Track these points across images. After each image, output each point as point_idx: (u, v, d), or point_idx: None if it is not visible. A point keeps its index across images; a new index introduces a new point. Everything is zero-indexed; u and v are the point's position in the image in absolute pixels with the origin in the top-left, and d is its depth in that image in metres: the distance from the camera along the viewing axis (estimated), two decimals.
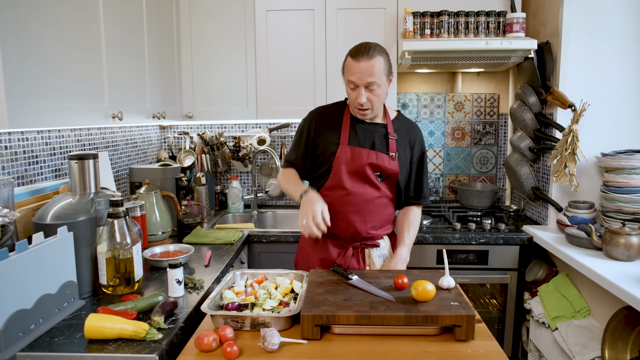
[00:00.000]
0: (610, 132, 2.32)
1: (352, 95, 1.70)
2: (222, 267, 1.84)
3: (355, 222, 1.77)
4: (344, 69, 1.71)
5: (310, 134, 1.82)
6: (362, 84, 1.64)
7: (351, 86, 1.68)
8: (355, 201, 1.76)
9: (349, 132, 1.77)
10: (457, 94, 2.99)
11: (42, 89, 1.39)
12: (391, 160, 1.76)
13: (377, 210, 1.79)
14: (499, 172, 3.05)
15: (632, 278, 1.70)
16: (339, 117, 1.81)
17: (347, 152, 1.75)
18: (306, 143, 1.82)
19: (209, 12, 2.66)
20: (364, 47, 1.65)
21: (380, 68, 1.64)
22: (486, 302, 2.70)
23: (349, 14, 2.59)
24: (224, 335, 1.20)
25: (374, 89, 1.66)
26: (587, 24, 2.27)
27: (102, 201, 1.56)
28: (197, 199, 2.71)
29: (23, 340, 1.18)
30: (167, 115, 2.42)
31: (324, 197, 1.78)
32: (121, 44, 1.90)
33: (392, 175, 1.78)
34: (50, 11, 1.43)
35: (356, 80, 1.64)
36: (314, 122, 1.82)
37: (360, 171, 1.75)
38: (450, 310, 1.23)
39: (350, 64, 1.66)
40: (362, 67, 1.62)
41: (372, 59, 1.62)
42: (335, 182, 1.77)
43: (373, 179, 1.76)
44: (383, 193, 1.79)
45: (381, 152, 1.76)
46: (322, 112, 1.85)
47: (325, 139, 1.79)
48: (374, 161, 1.74)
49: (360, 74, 1.63)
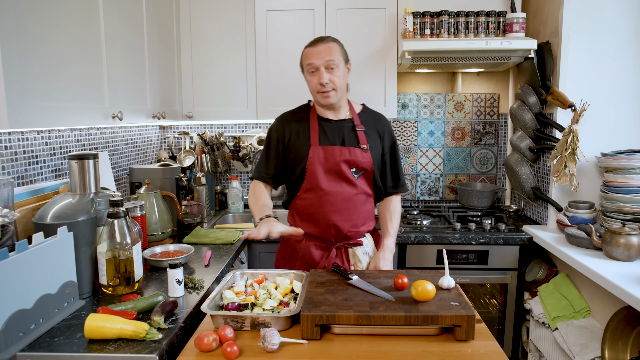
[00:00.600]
0: (610, 132, 2.32)
1: (313, 81, 1.73)
2: (222, 267, 1.84)
3: (336, 221, 1.76)
4: (302, 61, 1.76)
5: (280, 141, 1.82)
6: (322, 64, 1.69)
7: (311, 70, 1.72)
8: (333, 201, 1.75)
9: (318, 132, 1.78)
10: (457, 94, 2.99)
11: (42, 89, 1.39)
12: (364, 153, 1.77)
13: (356, 208, 1.79)
14: (499, 172, 3.05)
15: (632, 278, 1.70)
16: (306, 119, 1.82)
17: (320, 151, 1.75)
18: (276, 152, 1.82)
19: (209, 12, 2.66)
20: (318, 37, 1.76)
21: (337, 50, 1.71)
22: (486, 302, 2.70)
23: (349, 14, 2.59)
24: (224, 335, 1.20)
25: (334, 69, 1.70)
26: (587, 24, 2.27)
27: (102, 201, 1.56)
28: (197, 199, 2.71)
29: (23, 340, 1.18)
30: (167, 115, 2.41)
31: (301, 200, 1.80)
32: (121, 44, 1.90)
33: (367, 169, 1.79)
34: (50, 11, 1.43)
35: (315, 61, 1.69)
36: (281, 129, 1.82)
37: (335, 169, 1.75)
38: (450, 310, 1.23)
39: (308, 51, 1.73)
40: (319, 49, 1.70)
41: (327, 43, 1.72)
42: (311, 184, 1.76)
43: (349, 176, 1.76)
44: (360, 189, 1.79)
45: (353, 147, 1.77)
46: (289, 117, 1.85)
47: (296, 142, 1.79)
48: (348, 157, 1.75)
49: (318, 54, 1.69)
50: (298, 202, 1.81)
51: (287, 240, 1.89)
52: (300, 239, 1.82)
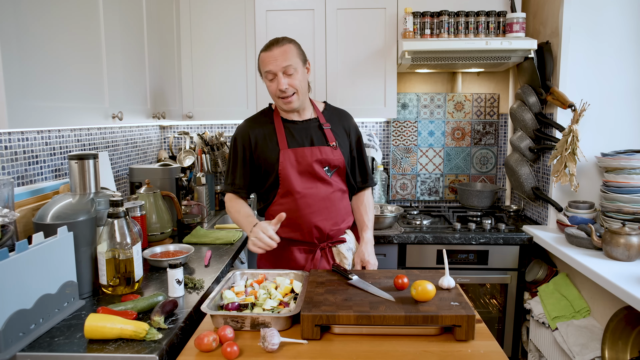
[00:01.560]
0: (610, 132, 2.32)
1: (272, 87, 1.70)
2: (222, 267, 1.84)
3: (317, 222, 1.74)
4: (260, 66, 1.72)
5: (246, 149, 1.78)
6: (279, 70, 1.65)
7: (269, 77, 1.68)
8: (311, 202, 1.74)
9: (285, 134, 1.75)
10: (457, 94, 2.99)
11: (42, 89, 1.39)
12: (334, 150, 1.76)
13: (334, 206, 1.78)
14: (499, 172, 3.05)
15: (632, 278, 1.70)
16: (270, 123, 1.79)
17: (290, 154, 1.73)
18: (243, 161, 1.78)
19: (209, 12, 2.66)
20: (273, 40, 1.70)
21: (293, 53, 1.67)
22: (486, 302, 2.70)
23: (349, 14, 2.59)
24: (224, 335, 1.20)
25: (292, 74, 1.66)
26: (587, 24, 2.28)
27: (102, 201, 1.56)
28: (197, 199, 2.71)
29: (23, 340, 1.18)
30: (167, 115, 2.41)
31: (278, 205, 1.77)
32: (121, 44, 1.90)
33: (339, 166, 1.78)
34: (50, 11, 1.43)
35: (273, 67, 1.65)
36: (247, 136, 1.78)
37: (309, 170, 1.74)
38: (450, 310, 1.23)
39: (263, 57, 1.68)
40: (275, 54, 1.65)
41: (283, 46, 1.66)
42: (286, 188, 1.74)
43: (323, 175, 1.75)
44: (335, 187, 1.79)
45: (322, 145, 1.76)
46: (252, 124, 1.81)
47: (264, 148, 1.75)
48: (319, 156, 1.74)
49: (274, 60, 1.65)
50: (275, 209, 1.78)
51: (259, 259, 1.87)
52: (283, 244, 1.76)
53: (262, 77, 1.75)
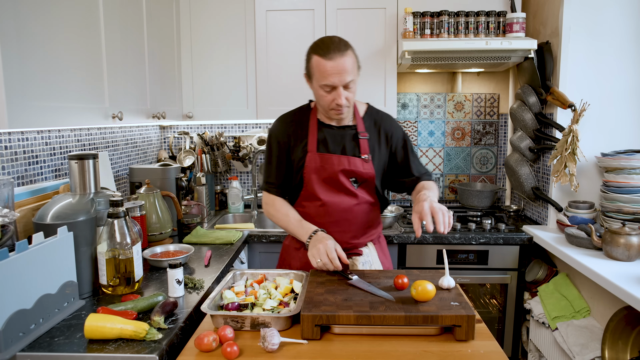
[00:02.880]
0: (610, 132, 2.32)
1: (327, 98, 1.56)
2: (222, 267, 1.84)
3: (333, 232, 1.65)
4: (313, 71, 1.56)
5: (281, 145, 1.70)
6: (341, 84, 1.52)
7: (326, 89, 1.54)
8: (331, 211, 1.67)
9: (317, 138, 1.67)
10: (457, 94, 2.99)
11: (42, 89, 1.39)
12: (365, 163, 1.66)
13: (356, 219, 1.70)
14: (499, 172, 3.05)
15: (632, 278, 1.70)
16: (305, 122, 1.70)
17: (317, 159, 1.65)
18: (278, 159, 1.71)
19: (209, 12, 2.66)
20: (331, 42, 1.52)
21: (353, 63, 1.54)
22: (486, 302, 2.70)
23: (349, 14, 2.59)
24: (224, 335, 1.20)
25: (352, 86, 1.55)
26: (587, 24, 2.27)
27: (102, 201, 1.56)
28: (197, 199, 2.71)
29: (23, 340, 1.18)
30: (167, 115, 2.41)
31: (300, 208, 1.72)
32: (121, 44, 1.90)
33: (367, 180, 1.68)
34: (50, 11, 1.43)
35: (334, 81, 1.51)
36: (283, 131, 1.71)
37: (333, 179, 1.65)
38: (450, 310, 1.23)
39: (323, 65, 1.51)
40: (338, 66, 1.49)
41: (346, 55, 1.51)
42: (309, 193, 1.68)
43: (348, 186, 1.66)
44: (361, 199, 1.69)
45: (353, 156, 1.65)
46: (288, 119, 1.73)
47: (294, 147, 1.69)
48: (347, 167, 1.64)
49: (338, 75, 1.50)
50: (298, 210, 1.73)
51: (287, 246, 1.84)
52: (299, 247, 1.75)
53: (308, 79, 1.61)
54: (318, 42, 1.56)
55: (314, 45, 1.56)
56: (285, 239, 1.87)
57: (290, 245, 1.81)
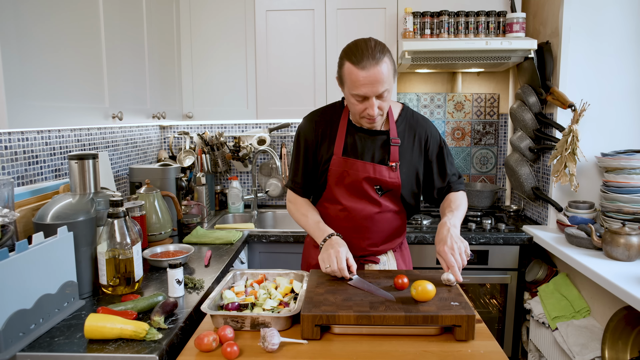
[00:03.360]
0: (610, 132, 2.32)
1: (358, 107, 1.48)
2: (222, 267, 1.84)
3: (352, 238, 1.61)
4: (345, 79, 1.47)
5: (310, 144, 1.65)
6: (374, 95, 1.43)
7: (358, 99, 1.46)
8: (351, 217, 1.62)
9: (345, 141, 1.60)
10: (457, 94, 2.99)
11: (42, 89, 1.39)
12: (391, 172, 1.58)
13: (377, 227, 1.64)
14: (499, 172, 3.05)
15: (632, 278, 1.70)
16: (336, 122, 1.63)
17: (341, 164, 1.59)
18: (305, 158, 1.66)
19: (209, 12, 2.66)
20: (366, 49, 1.41)
21: (389, 71, 1.42)
22: (486, 302, 2.70)
23: (349, 14, 2.59)
24: (224, 335, 1.20)
25: (385, 96, 1.45)
26: (587, 24, 2.27)
27: (102, 201, 1.56)
28: (197, 199, 2.71)
29: (23, 340, 1.18)
30: (167, 115, 2.42)
31: (321, 208, 1.69)
32: (121, 44, 1.90)
33: (392, 189, 1.61)
34: (50, 11, 1.43)
35: (367, 92, 1.42)
36: (311, 131, 1.64)
37: (357, 185, 1.59)
38: (450, 310, 1.23)
39: (355, 74, 1.41)
40: (371, 76, 1.39)
41: (380, 64, 1.39)
42: (331, 195, 1.64)
43: (372, 194, 1.60)
44: (385, 208, 1.63)
45: (380, 164, 1.58)
46: (319, 118, 1.65)
47: (322, 147, 1.63)
48: (371, 175, 1.58)
49: (370, 85, 1.40)
50: (319, 209, 1.70)
51: (307, 243, 1.82)
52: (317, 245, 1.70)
53: (340, 83, 1.52)
54: (352, 45, 1.46)
55: (347, 49, 1.46)
56: (307, 236, 1.84)
57: (310, 243, 1.81)
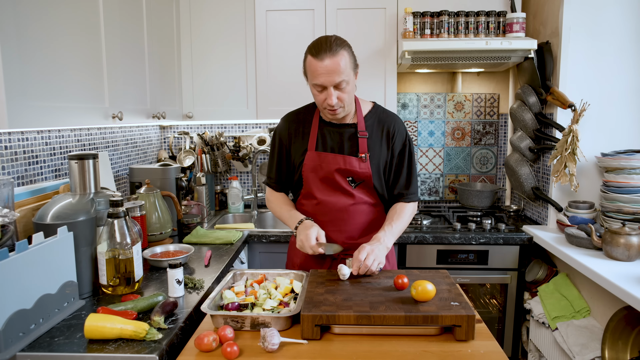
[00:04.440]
0: (610, 132, 2.32)
1: (319, 97, 1.57)
2: (222, 267, 1.84)
3: (329, 232, 1.66)
4: (307, 71, 1.57)
5: (283, 143, 1.73)
6: (331, 84, 1.52)
7: (318, 89, 1.55)
8: (327, 210, 1.68)
9: (317, 136, 1.68)
10: (457, 94, 2.99)
11: (42, 89, 1.39)
12: (361, 163, 1.64)
13: (353, 219, 1.68)
14: (499, 172, 3.05)
15: (632, 278, 1.70)
16: (309, 121, 1.71)
17: (315, 158, 1.66)
18: (279, 156, 1.74)
19: (208, 12, 2.66)
20: (324, 42, 1.51)
21: (346, 63, 1.51)
22: (486, 302, 2.70)
23: (349, 14, 2.59)
24: (224, 335, 1.20)
25: (344, 87, 1.53)
26: (587, 24, 2.28)
27: (102, 201, 1.56)
28: (197, 199, 2.71)
29: (23, 340, 1.18)
30: (167, 115, 2.41)
31: (299, 206, 1.75)
32: (121, 44, 1.90)
33: (364, 180, 1.66)
34: (50, 11, 1.43)
35: (324, 82, 1.51)
36: (285, 130, 1.73)
37: (330, 178, 1.65)
38: (450, 310, 1.23)
39: (313, 65, 1.51)
40: (328, 66, 1.49)
41: (337, 55, 1.49)
42: (307, 191, 1.70)
43: (344, 186, 1.66)
44: (358, 199, 1.68)
45: (350, 155, 1.64)
46: (293, 118, 1.74)
47: (296, 145, 1.70)
48: (342, 166, 1.64)
49: (327, 75, 1.50)
50: (298, 208, 1.76)
51: (292, 243, 1.84)
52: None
53: (306, 78, 1.61)
54: (314, 41, 1.56)
55: (310, 45, 1.56)
56: (292, 236, 1.87)
57: (294, 242, 1.82)
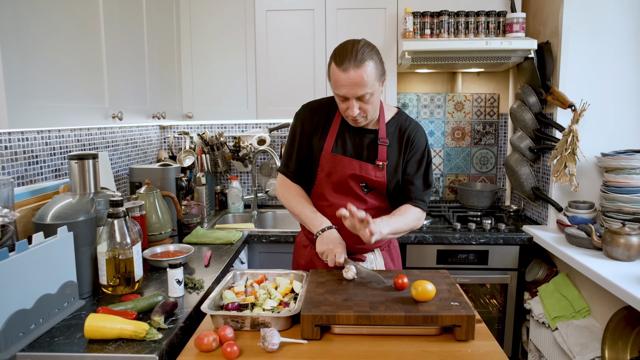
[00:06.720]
0: (610, 132, 2.32)
1: (342, 105, 1.52)
2: (222, 267, 1.84)
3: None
4: (330, 77, 1.50)
5: (305, 131, 1.65)
6: (353, 97, 1.46)
7: (340, 98, 1.50)
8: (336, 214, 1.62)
9: (336, 137, 1.62)
10: (457, 94, 2.99)
11: (42, 89, 1.39)
12: (377, 171, 1.59)
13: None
14: (499, 172, 3.05)
15: (632, 278, 1.70)
16: (331, 117, 1.65)
17: (330, 160, 1.61)
18: (300, 142, 1.66)
19: (209, 12, 2.66)
20: (350, 50, 1.42)
21: (371, 75, 1.43)
22: (486, 302, 2.70)
23: (349, 14, 2.59)
24: (224, 335, 1.20)
25: (367, 99, 1.47)
26: (587, 23, 2.28)
27: (102, 201, 1.56)
28: (197, 199, 2.71)
29: (23, 340, 1.18)
30: (167, 115, 2.41)
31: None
32: (121, 44, 1.90)
33: (378, 187, 1.62)
34: (50, 11, 1.43)
35: (346, 93, 1.45)
36: (308, 119, 1.65)
37: (343, 182, 1.61)
38: (450, 310, 1.23)
39: (337, 75, 1.44)
40: (351, 78, 1.41)
41: (361, 67, 1.41)
42: (319, 191, 1.66)
43: (357, 191, 1.62)
44: (370, 205, 1.64)
45: (367, 162, 1.60)
46: (317, 108, 1.67)
47: (315, 139, 1.65)
48: (357, 172, 1.59)
49: (350, 87, 1.43)
50: None
51: (297, 243, 1.83)
52: (307, 244, 1.75)
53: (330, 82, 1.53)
54: (340, 45, 1.48)
55: (335, 49, 1.48)
56: (297, 236, 1.87)
57: (300, 243, 1.82)
